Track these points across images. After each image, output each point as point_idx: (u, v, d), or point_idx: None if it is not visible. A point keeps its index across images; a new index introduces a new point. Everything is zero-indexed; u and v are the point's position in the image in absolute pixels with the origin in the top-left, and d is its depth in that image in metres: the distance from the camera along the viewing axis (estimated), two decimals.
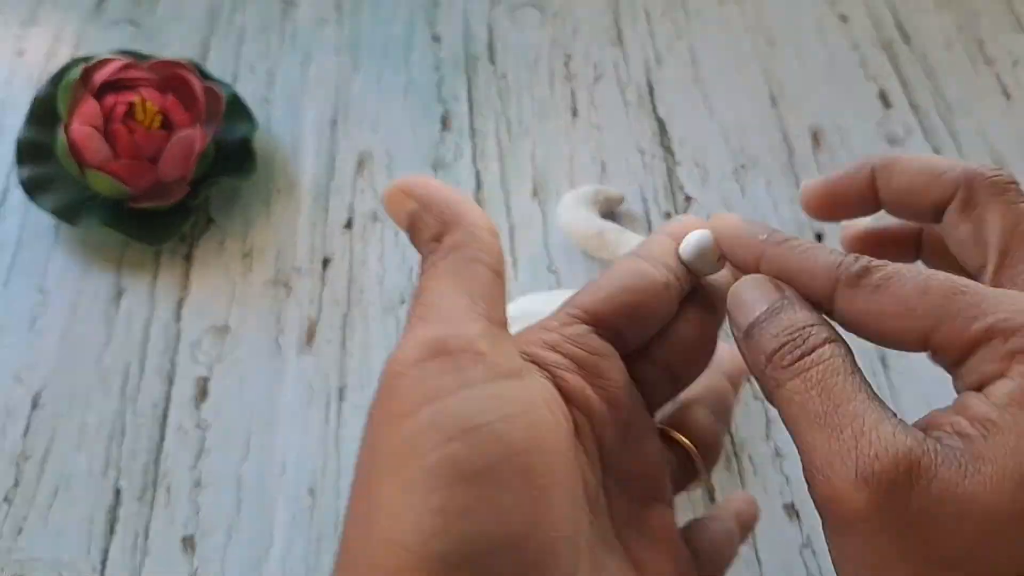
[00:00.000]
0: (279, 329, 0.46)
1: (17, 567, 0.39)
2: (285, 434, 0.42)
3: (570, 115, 0.54)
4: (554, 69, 0.57)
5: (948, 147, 0.52)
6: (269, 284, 0.48)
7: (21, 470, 0.42)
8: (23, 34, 0.59)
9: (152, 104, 0.47)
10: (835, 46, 0.57)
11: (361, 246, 0.49)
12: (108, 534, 0.40)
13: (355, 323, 0.46)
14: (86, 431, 0.43)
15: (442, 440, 0.19)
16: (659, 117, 0.54)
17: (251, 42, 0.58)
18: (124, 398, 0.44)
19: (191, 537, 0.40)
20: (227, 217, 0.50)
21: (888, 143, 0.53)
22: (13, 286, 0.48)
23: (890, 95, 0.55)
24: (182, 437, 0.42)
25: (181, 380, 0.44)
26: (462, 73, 0.57)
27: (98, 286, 0.48)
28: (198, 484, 0.41)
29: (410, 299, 0.29)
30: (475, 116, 0.54)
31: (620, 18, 0.59)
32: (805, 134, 0.53)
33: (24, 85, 0.56)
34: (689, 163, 0.52)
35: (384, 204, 0.24)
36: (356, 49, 0.58)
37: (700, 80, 0.56)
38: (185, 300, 0.47)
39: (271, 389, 0.44)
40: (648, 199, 0.50)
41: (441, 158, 0.53)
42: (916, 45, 0.57)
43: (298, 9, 0.60)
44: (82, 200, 0.48)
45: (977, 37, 0.58)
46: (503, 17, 0.60)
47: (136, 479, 0.41)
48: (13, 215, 0.50)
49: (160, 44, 0.58)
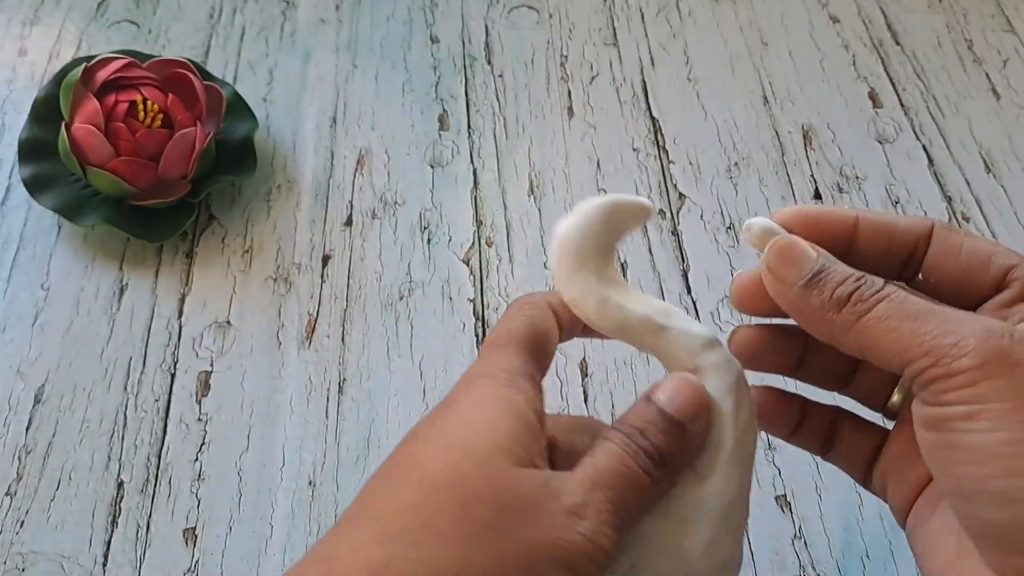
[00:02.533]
0: (279, 324, 0.46)
1: (20, 560, 0.39)
2: (285, 427, 0.43)
3: (566, 114, 0.55)
4: (550, 69, 0.57)
5: (938, 146, 0.53)
6: (270, 280, 0.48)
7: (24, 464, 0.42)
8: (25, 34, 0.60)
9: (153, 103, 0.47)
10: (826, 46, 0.58)
11: (360, 243, 0.49)
12: (110, 527, 0.40)
13: (354, 319, 0.47)
14: (88, 425, 0.43)
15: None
16: (653, 116, 0.55)
17: (251, 42, 0.59)
18: (126, 393, 0.44)
19: (192, 529, 0.40)
20: (228, 214, 0.51)
21: (878, 142, 0.53)
22: (16, 283, 0.48)
23: (880, 94, 0.56)
24: (183, 431, 0.43)
25: (183, 375, 0.45)
26: (459, 73, 0.57)
27: (100, 283, 0.48)
28: (199, 477, 0.42)
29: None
30: (472, 115, 0.55)
31: (615, 19, 0.60)
32: (797, 133, 0.54)
33: (26, 84, 0.56)
34: (683, 161, 0.53)
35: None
36: (355, 49, 0.59)
37: (694, 80, 0.57)
38: (186, 296, 0.48)
39: (271, 383, 0.44)
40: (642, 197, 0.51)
41: (439, 156, 0.53)
42: (906, 45, 0.58)
43: (298, 9, 0.61)
44: (84, 198, 0.49)
45: (967, 37, 0.58)
46: (500, 18, 0.60)
47: (138, 472, 0.42)
48: (16, 213, 0.51)
49: (161, 44, 0.59)
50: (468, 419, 0.24)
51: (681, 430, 0.25)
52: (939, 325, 0.22)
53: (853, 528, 0.40)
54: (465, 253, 0.49)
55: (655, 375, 0.44)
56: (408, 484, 0.22)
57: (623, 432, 0.24)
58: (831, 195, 0.51)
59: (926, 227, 0.26)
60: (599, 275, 0.27)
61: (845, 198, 0.51)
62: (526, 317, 0.26)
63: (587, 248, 0.27)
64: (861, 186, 0.51)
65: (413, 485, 0.22)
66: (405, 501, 0.22)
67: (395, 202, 0.51)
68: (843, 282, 0.24)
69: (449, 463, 0.22)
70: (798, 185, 0.51)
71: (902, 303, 0.23)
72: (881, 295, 0.23)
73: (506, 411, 0.23)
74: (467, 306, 0.47)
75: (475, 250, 0.49)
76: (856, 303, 0.23)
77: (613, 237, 0.27)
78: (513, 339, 0.26)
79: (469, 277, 0.48)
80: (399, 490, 0.22)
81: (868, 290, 0.23)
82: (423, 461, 0.23)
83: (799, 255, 0.25)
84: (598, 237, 0.27)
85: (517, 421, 0.23)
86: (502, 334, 0.26)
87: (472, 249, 0.49)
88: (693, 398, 0.25)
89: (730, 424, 0.25)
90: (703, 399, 0.25)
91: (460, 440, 0.23)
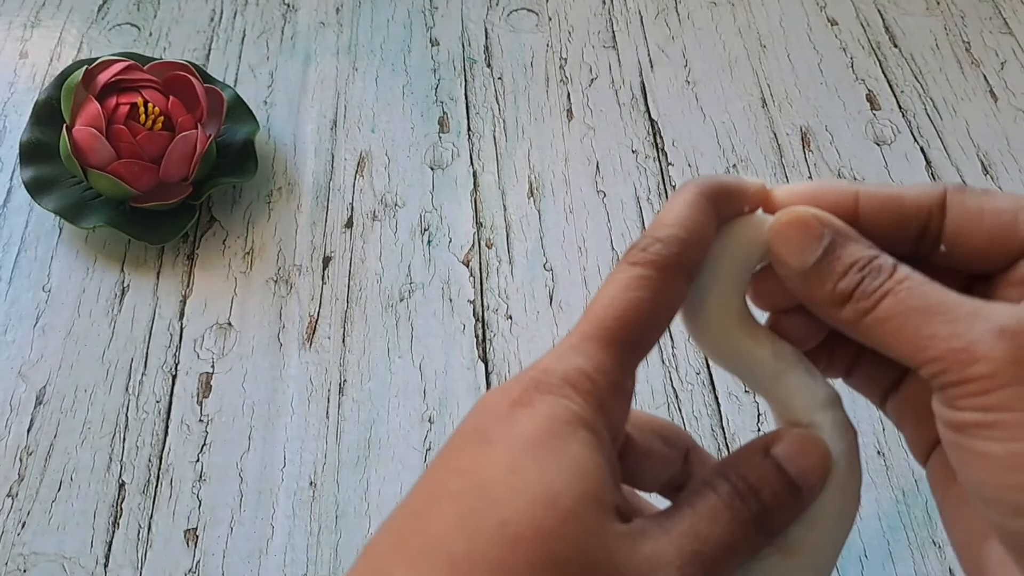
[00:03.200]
0: (280, 326, 0.47)
1: (21, 561, 0.39)
2: (286, 428, 0.43)
3: (565, 116, 0.55)
4: (549, 71, 0.58)
5: (936, 148, 0.53)
6: (270, 282, 0.48)
7: (25, 465, 0.42)
8: (26, 36, 0.60)
9: (154, 105, 0.47)
10: (824, 48, 0.58)
11: (361, 245, 0.50)
12: (112, 528, 0.40)
13: (355, 320, 0.47)
14: (90, 426, 0.43)
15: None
16: (652, 118, 0.55)
17: (252, 45, 0.59)
18: (127, 394, 0.44)
19: (193, 530, 0.40)
20: (229, 216, 0.51)
21: (876, 144, 0.54)
22: (17, 285, 0.48)
23: (878, 96, 0.56)
24: (185, 432, 0.43)
25: (184, 376, 0.45)
26: (459, 75, 0.57)
27: (101, 285, 0.48)
28: (200, 478, 0.42)
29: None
30: (472, 118, 0.55)
31: (614, 21, 0.60)
32: (795, 135, 0.54)
33: (27, 87, 0.57)
34: (681, 163, 0.53)
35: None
36: (355, 52, 0.59)
37: (692, 82, 0.57)
38: (188, 298, 0.48)
39: (272, 384, 0.45)
40: (641, 198, 0.51)
41: (439, 158, 0.53)
42: (904, 47, 0.58)
43: (298, 12, 0.61)
44: (85, 200, 0.49)
45: (964, 39, 0.59)
46: (499, 20, 0.60)
47: (139, 473, 0.42)
48: (17, 215, 0.51)
49: (162, 46, 0.59)
50: (550, 454, 0.19)
51: (798, 496, 0.21)
52: (947, 325, 0.20)
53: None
54: (465, 255, 0.49)
55: (670, 372, 0.44)
56: (484, 529, 0.19)
57: (734, 487, 0.21)
58: None
59: (937, 194, 0.23)
60: (726, 303, 0.23)
61: None
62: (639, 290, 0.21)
63: (724, 272, 0.23)
64: None
65: (491, 530, 0.18)
66: (480, 550, 0.18)
67: (395, 204, 0.51)
68: (847, 272, 0.21)
69: (535, 516, 0.18)
70: None
71: (906, 298, 0.21)
72: (885, 288, 0.21)
73: (594, 446, 0.20)
74: (467, 307, 0.47)
75: (475, 252, 0.49)
76: (859, 300, 0.21)
77: (752, 264, 0.24)
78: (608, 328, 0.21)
79: (469, 279, 0.48)
80: (473, 536, 0.18)
81: (872, 283, 0.21)
82: (501, 502, 0.19)
83: (803, 234, 0.22)
84: (737, 262, 0.23)
85: (604, 459, 0.20)
86: (599, 315, 0.21)
87: (472, 251, 0.49)
88: (819, 462, 0.22)
89: (837, 496, 0.22)
90: (827, 465, 0.22)
91: (544, 483, 0.19)
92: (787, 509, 0.21)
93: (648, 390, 0.44)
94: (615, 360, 0.21)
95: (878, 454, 0.42)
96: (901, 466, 0.41)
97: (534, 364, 0.21)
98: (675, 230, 0.22)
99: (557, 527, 0.18)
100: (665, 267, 0.21)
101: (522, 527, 0.18)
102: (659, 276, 0.21)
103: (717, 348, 0.24)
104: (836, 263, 0.22)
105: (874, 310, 0.21)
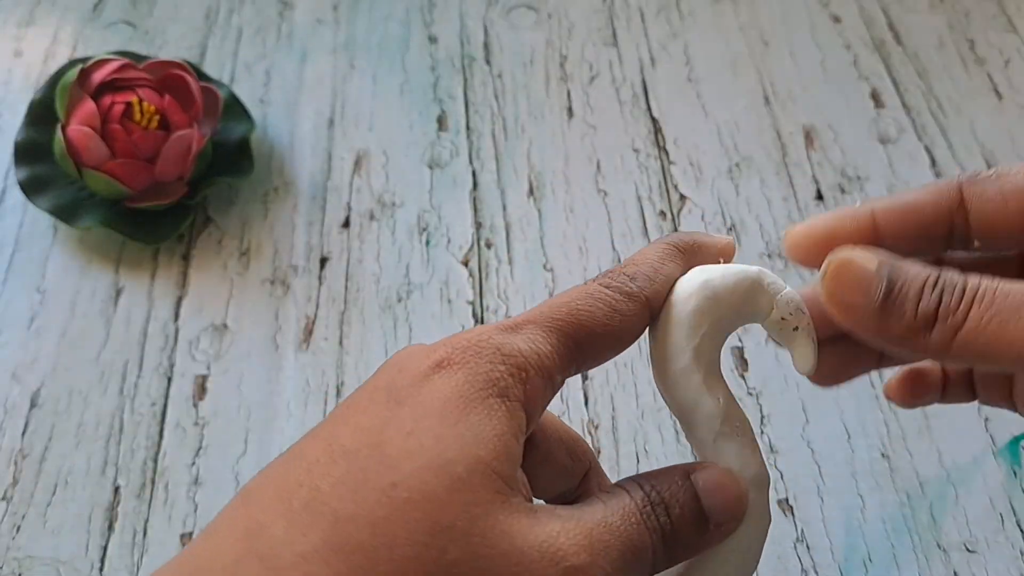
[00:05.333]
0: (277, 327, 0.46)
1: (16, 565, 0.39)
2: (283, 431, 0.43)
3: (565, 115, 0.55)
4: (549, 69, 0.57)
5: (940, 146, 0.53)
6: (267, 283, 0.48)
7: (19, 468, 0.42)
8: (21, 35, 0.59)
9: (149, 104, 0.47)
10: (828, 46, 0.58)
11: (358, 245, 0.49)
12: (107, 531, 0.40)
13: (352, 321, 0.46)
14: (84, 429, 0.43)
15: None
16: (653, 116, 0.55)
17: (248, 42, 0.59)
18: (122, 396, 0.44)
19: (190, 534, 0.40)
20: (225, 216, 0.51)
21: (880, 142, 0.53)
22: (11, 286, 0.48)
23: (882, 95, 0.55)
24: (180, 434, 0.43)
25: (179, 378, 0.44)
26: (458, 73, 0.57)
27: (96, 285, 0.48)
28: (196, 481, 0.41)
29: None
30: (471, 116, 0.55)
31: (615, 18, 0.60)
32: (798, 133, 0.54)
33: (22, 86, 0.56)
34: (683, 162, 0.52)
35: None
36: (353, 49, 0.58)
37: (694, 80, 0.56)
38: (183, 299, 0.47)
39: (269, 386, 0.44)
40: (643, 198, 0.51)
41: (437, 157, 0.53)
42: (908, 45, 0.58)
43: (295, 10, 0.61)
44: (80, 200, 0.49)
45: (968, 37, 0.58)
46: (499, 18, 0.60)
47: (135, 476, 0.41)
48: (11, 215, 0.50)
49: (157, 45, 0.58)
50: (451, 420, 0.19)
51: (704, 528, 0.22)
52: None
53: (855, 532, 0.39)
54: (464, 255, 0.49)
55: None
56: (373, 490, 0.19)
57: (647, 495, 0.21)
58: (833, 196, 0.51)
59: (953, 193, 0.22)
60: (696, 349, 0.23)
61: (847, 199, 0.51)
62: (597, 301, 0.21)
63: (716, 318, 0.23)
64: (863, 187, 0.51)
65: (379, 492, 0.19)
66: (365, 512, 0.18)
67: (393, 204, 0.51)
68: (921, 294, 0.20)
69: (425, 481, 0.18)
70: (799, 186, 0.51)
71: (993, 300, 0.20)
72: (968, 298, 0.20)
73: (501, 417, 0.20)
74: (466, 308, 0.47)
75: (474, 252, 0.49)
76: (946, 318, 0.20)
77: (742, 320, 0.24)
78: (556, 320, 0.21)
79: (468, 279, 0.48)
80: (360, 497, 0.18)
81: (953, 297, 0.20)
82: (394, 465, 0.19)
83: (860, 274, 0.21)
84: (730, 312, 0.23)
85: (509, 431, 0.20)
86: (552, 306, 0.21)
87: (471, 251, 0.49)
88: (735, 503, 0.22)
89: (734, 558, 0.23)
90: (742, 507, 0.22)
91: (439, 449, 0.19)
92: (692, 536, 0.21)
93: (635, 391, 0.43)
94: (553, 348, 0.21)
95: (882, 456, 0.41)
96: (906, 469, 0.41)
97: (473, 328, 0.21)
98: (642, 268, 0.22)
99: (444, 494, 0.18)
100: (629, 293, 0.22)
101: (411, 491, 0.18)
102: (621, 298, 0.22)
103: (672, 388, 0.23)
104: (907, 289, 0.21)
105: (966, 323, 0.20)
